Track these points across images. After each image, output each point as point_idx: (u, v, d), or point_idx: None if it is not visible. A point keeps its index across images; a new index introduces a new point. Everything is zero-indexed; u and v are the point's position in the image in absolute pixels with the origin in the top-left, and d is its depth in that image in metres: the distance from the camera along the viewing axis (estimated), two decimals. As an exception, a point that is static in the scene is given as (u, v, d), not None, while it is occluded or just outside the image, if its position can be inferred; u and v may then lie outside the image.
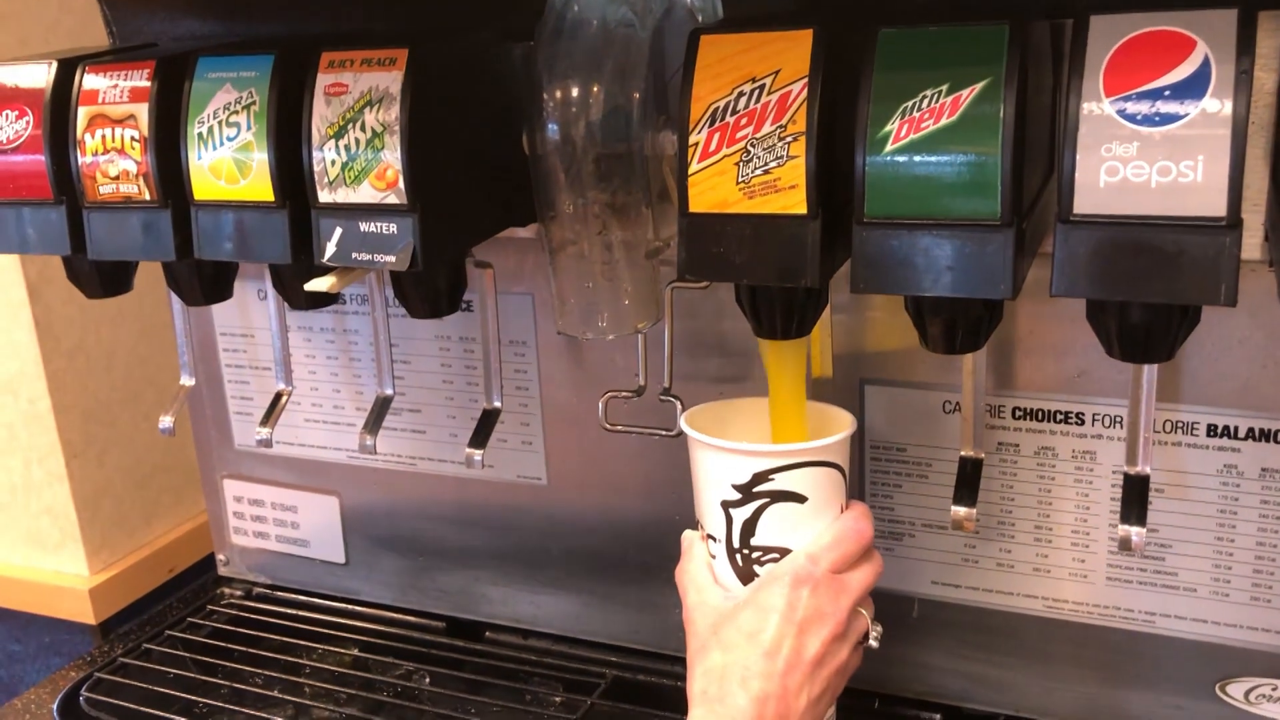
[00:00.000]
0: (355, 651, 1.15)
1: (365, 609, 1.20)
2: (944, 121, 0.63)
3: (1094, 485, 0.87)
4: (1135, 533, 0.77)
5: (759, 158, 0.68)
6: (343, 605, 1.21)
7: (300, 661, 1.13)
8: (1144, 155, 0.60)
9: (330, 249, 0.81)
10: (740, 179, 0.69)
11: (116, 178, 0.87)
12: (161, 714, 1.05)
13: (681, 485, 1.02)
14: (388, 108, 0.77)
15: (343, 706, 1.07)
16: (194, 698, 1.07)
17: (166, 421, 1.08)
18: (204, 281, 0.94)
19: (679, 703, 0.80)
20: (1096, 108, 0.60)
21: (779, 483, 0.77)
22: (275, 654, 1.14)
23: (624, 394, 0.93)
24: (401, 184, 0.78)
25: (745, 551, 0.79)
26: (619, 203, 0.81)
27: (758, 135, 0.68)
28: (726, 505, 0.79)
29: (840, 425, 0.81)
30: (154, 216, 0.86)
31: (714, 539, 0.81)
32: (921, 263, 0.65)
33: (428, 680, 1.10)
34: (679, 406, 0.91)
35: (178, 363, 1.10)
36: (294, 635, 1.17)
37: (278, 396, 1.05)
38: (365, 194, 0.79)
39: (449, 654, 1.13)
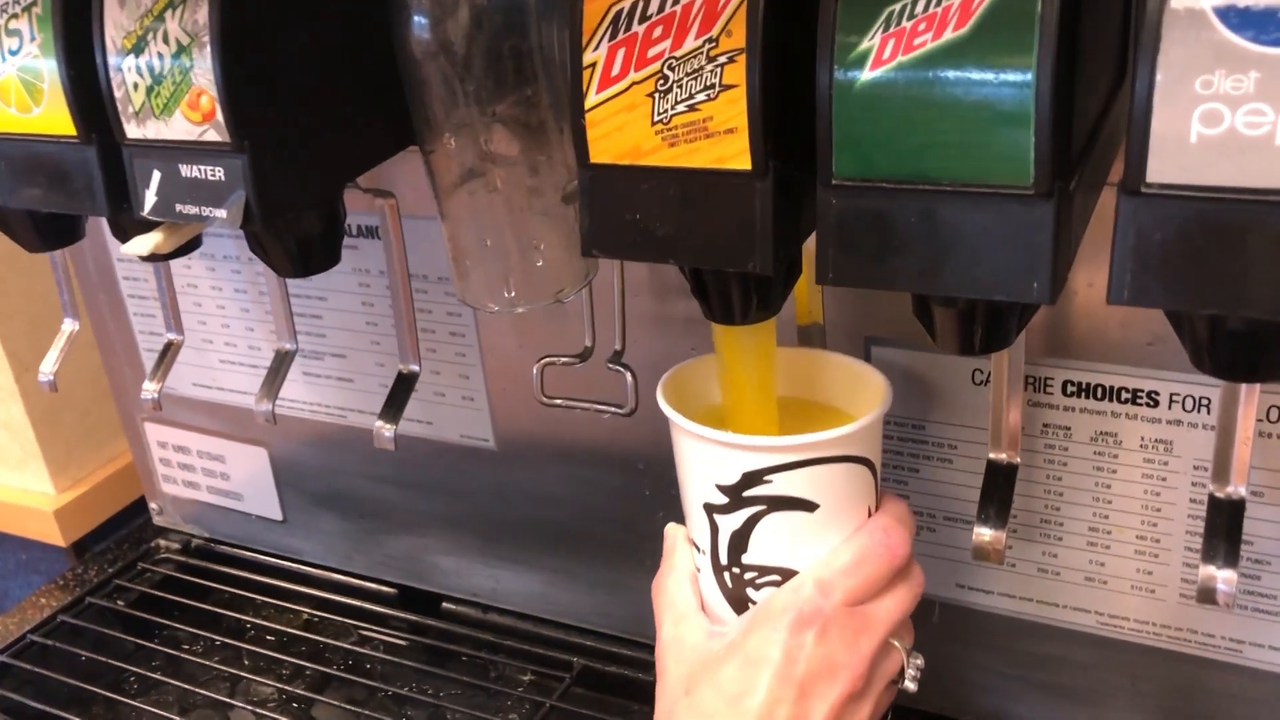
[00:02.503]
0: (299, 625, 1.00)
1: (310, 570, 1.05)
2: (948, 36, 0.41)
3: (1168, 483, 0.67)
4: (1222, 579, 0.56)
5: (682, 86, 0.47)
6: (285, 565, 1.06)
7: (237, 644, 0.98)
8: (1265, 94, 0.37)
9: (149, 199, 0.62)
10: (657, 117, 0.47)
11: (-103, 101, 0.67)
12: (61, 714, 0.91)
13: (650, 454, 0.83)
14: (194, 8, 0.56)
15: (286, 683, 0.93)
16: (99, 691, 0.93)
17: (47, 374, 0.91)
18: (41, 224, 0.75)
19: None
20: (1189, 17, 0.38)
21: (778, 485, 0.57)
22: (207, 631, 1.00)
23: (563, 360, 0.73)
24: (220, 115, 0.57)
25: (735, 571, 0.60)
26: (523, 122, 0.60)
27: (678, 54, 0.46)
28: (710, 510, 0.60)
29: (870, 397, 0.61)
30: (-55, 151, 0.67)
31: (698, 548, 0.62)
32: (916, 245, 0.44)
33: (383, 652, 0.96)
34: (629, 380, 0.71)
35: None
36: (231, 605, 1.02)
37: (167, 347, 0.88)
38: (179, 128, 0.59)
39: (394, 634, 0.97)
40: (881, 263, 0.45)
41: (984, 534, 0.62)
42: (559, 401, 0.74)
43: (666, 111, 0.47)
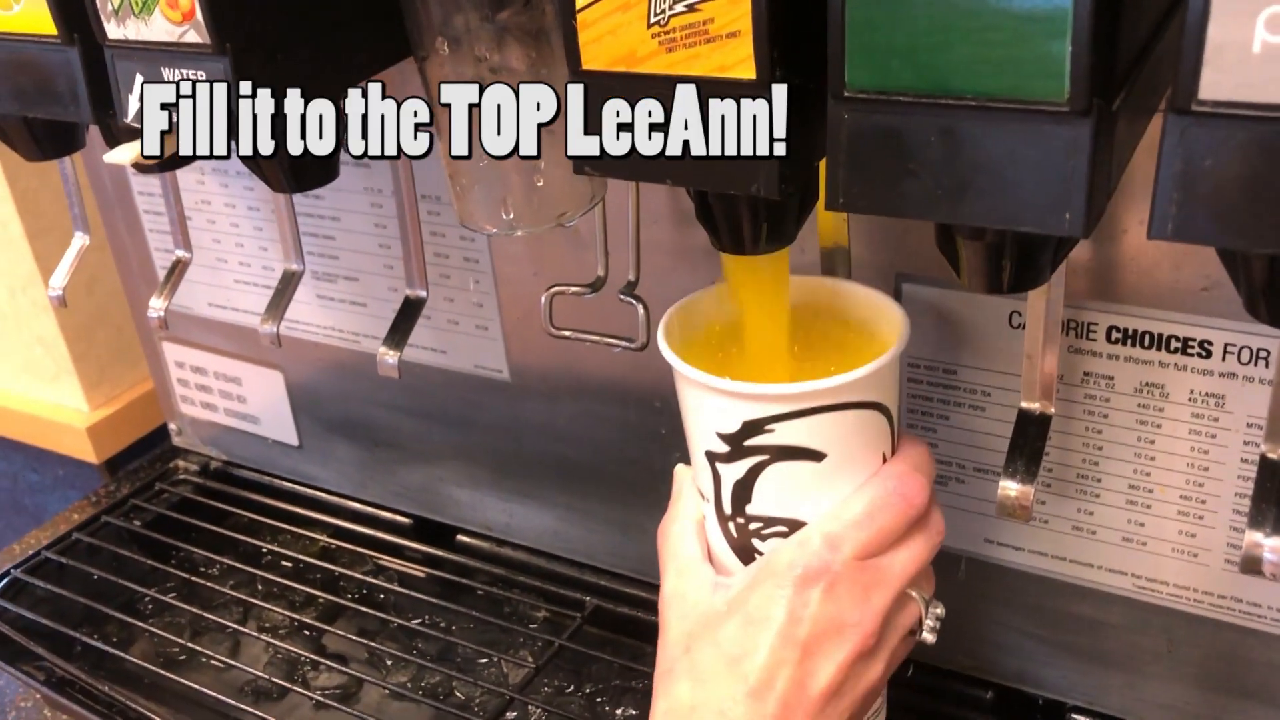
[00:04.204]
0: (314, 552, 0.98)
1: (326, 497, 1.03)
2: (978, -74, 0.36)
3: (1218, 440, 0.61)
4: (1269, 548, 0.52)
5: (680, -15, 0.42)
6: (302, 491, 1.04)
7: (251, 570, 0.96)
8: (1345, -5, 0.32)
9: (133, 104, 0.58)
10: (654, 18, 0.43)
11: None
12: (72, 633, 0.90)
13: (668, 392, 0.79)
14: (171, -102, 0.52)
15: (298, 612, 0.91)
16: (111, 613, 0.92)
17: (56, 289, 0.89)
18: (37, 131, 0.72)
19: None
20: (1260, -99, 0.32)
21: (781, 435, 0.53)
22: (222, 555, 0.98)
23: (573, 289, 0.69)
24: (199, 14, 0.53)
25: (740, 521, 0.57)
26: (526, 29, 0.55)
27: (676, -53, 0.41)
28: (712, 458, 0.56)
29: (884, 335, 0.57)
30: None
31: (703, 496, 0.59)
32: (935, 168, 0.39)
33: (396, 583, 0.94)
34: (641, 313, 0.67)
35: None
36: (248, 530, 1.01)
37: (175, 264, 0.85)
38: (159, 28, 0.55)
39: (408, 565, 0.95)
40: (897, 187, 0.40)
41: (1010, 489, 0.57)
42: (568, 333, 0.70)
43: (664, 12, 0.42)
